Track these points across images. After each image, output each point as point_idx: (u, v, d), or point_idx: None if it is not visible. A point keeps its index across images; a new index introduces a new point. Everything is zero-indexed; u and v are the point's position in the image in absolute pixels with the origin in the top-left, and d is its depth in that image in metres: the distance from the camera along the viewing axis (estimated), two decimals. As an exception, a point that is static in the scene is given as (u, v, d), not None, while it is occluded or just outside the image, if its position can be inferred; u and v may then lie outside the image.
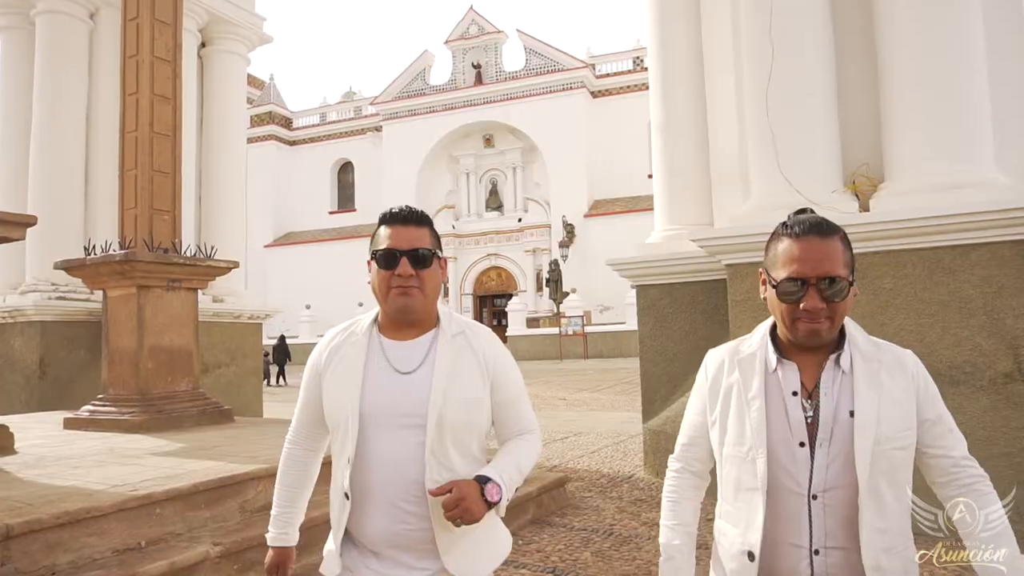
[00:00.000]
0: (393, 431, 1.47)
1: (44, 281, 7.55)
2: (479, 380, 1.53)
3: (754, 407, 1.35)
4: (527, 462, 1.57)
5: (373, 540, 1.49)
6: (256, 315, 9.03)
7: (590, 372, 18.67)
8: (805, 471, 1.30)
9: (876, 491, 1.26)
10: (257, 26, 9.60)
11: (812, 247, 1.29)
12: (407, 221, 1.52)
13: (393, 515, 1.46)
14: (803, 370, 1.35)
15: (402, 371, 1.50)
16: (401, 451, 1.46)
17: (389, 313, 1.54)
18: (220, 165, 9.11)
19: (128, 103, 5.67)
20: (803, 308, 1.28)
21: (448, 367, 1.50)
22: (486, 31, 33.97)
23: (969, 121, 4.23)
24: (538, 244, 32.11)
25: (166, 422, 5.20)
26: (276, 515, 1.67)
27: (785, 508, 1.31)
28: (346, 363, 1.53)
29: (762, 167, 4.76)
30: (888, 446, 1.28)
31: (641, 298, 6.26)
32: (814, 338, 1.30)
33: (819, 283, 1.27)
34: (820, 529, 1.28)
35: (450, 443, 1.47)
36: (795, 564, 1.30)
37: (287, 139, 39.10)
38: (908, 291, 4.12)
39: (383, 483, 1.47)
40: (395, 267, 1.48)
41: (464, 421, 1.50)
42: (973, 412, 3.87)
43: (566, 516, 4.65)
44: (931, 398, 1.35)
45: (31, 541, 2.64)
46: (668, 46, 6.34)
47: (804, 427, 1.31)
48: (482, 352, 1.55)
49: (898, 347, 1.39)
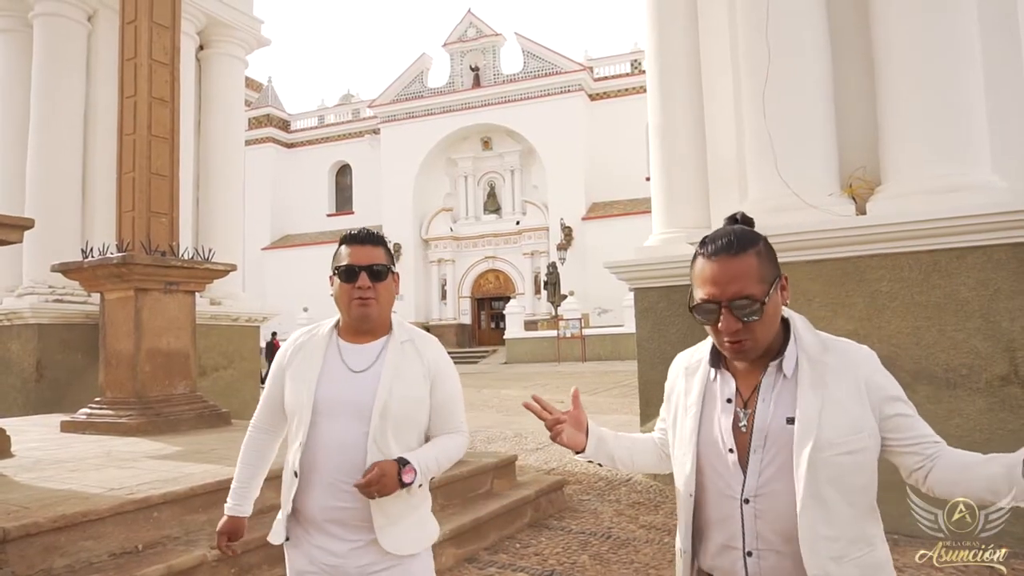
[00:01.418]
0: (341, 420, 1.68)
1: (41, 284, 7.54)
2: (422, 381, 1.75)
3: (690, 414, 1.39)
4: (447, 457, 1.77)
5: (315, 514, 1.68)
6: (254, 318, 9.02)
7: (588, 375, 18.66)
8: (737, 476, 1.31)
9: (819, 497, 1.23)
10: (255, 29, 9.61)
11: (723, 268, 1.26)
12: (364, 241, 1.74)
13: (334, 493, 1.66)
14: (743, 377, 1.35)
15: (355, 370, 1.72)
16: (347, 438, 1.67)
17: (349, 321, 1.75)
18: (218, 168, 9.11)
19: (126, 106, 5.67)
20: (720, 330, 1.27)
21: (394, 368, 1.71)
22: (484, 34, 34.00)
23: (966, 124, 4.24)
24: (536, 247, 32.11)
25: (163, 425, 5.19)
26: (235, 488, 1.88)
27: (718, 511, 1.33)
28: (307, 361, 1.75)
29: (759, 170, 4.77)
30: (832, 452, 1.23)
31: (639, 301, 6.26)
32: (741, 356, 1.31)
33: (731, 304, 1.25)
34: (752, 532, 1.29)
35: (391, 434, 1.67)
36: (731, 564, 1.32)
37: (285, 142, 39.09)
38: (904, 294, 4.13)
39: (328, 464, 1.66)
40: (355, 281, 1.70)
41: (405, 415, 1.71)
42: (970, 415, 3.88)
43: (564, 519, 4.65)
44: (887, 397, 1.29)
45: (27, 545, 2.63)
46: (666, 49, 6.35)
47: (732, 434, 1.32)
48: (426, 357, 1.77)
49: (852, 345, 1.34)
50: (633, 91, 31.26)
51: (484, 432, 8.77)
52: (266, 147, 37.66)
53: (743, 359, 1.32)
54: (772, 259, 1.31)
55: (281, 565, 1.81)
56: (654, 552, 3.87)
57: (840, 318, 4.24)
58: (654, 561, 3.71)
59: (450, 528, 3.77)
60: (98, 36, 8.19)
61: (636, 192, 30.03)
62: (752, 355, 1.30)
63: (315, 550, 1.69)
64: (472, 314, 33.59)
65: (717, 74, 5.81)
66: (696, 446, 1.36)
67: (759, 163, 4.77)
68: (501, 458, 4.96)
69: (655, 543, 4.02)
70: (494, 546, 4.10)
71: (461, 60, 34.37)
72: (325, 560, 1.68)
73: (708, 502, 1.35)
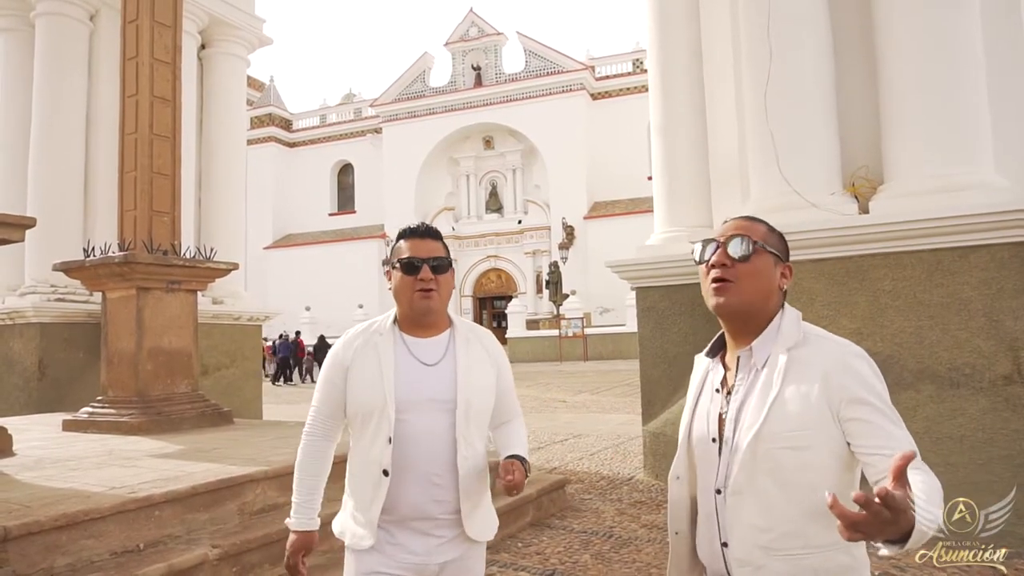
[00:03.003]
0: (425, 414, 1.68)
1: (43, 283, 7.54)
2: (490, 370, 1.79)
3: (687, 405, 1.44)
4: (525, 442, 1.87)
5: (406, 511, 1.66)
6: (256, 317, 9.02)
7: (590, 374, 18.66)
8: (715, 466, 1.33)
9: (757, 489, 1.25)
10: (257, 28, 9.60)
11: (735, 223, 1.38)
12: (424, 235, 1.76)
13: (427, 488, 1.66)
14: (730, 368, 1.38)
15: (427, 363, 1.72)
16: (434, 430, 1.67)
17: (410, 314, 1.75)
18: (220, 167, 9.11)
19: (128, 105, 5.66)
20: (711, 265, 1.33)
21: (466, 360, 1.74)
22: (486, 33, 33.99)
23: (968, 123, 4.23)
24: (538, 246, 32.11)
25: (165, 424, 5.19)
26: (300, 503, 1.78)
27: (704, 502, 1.36)
28: (375, 357, 1.71)
29: (762, 169, 4.76)
30: (772, 444, 1.23)
31: (641, 300, 6.26)
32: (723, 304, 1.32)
33: (728, 240, 1.33)
34: (725, 523, 1.31)
35: (473, 424, 1.71)
36: (715, 556, 1.34)
37: (287, 141, 39.11)
38: (907, 293, 4.12)
39: (417, 460, 1.66)
40: (417, 274, 1.70)
41: (483, 405, 1.75)
42: (972, 414, 3.87)
43: (566, 518, 4.64)
44: (849, 399, 1.21)
45: (29, 543, 2.63)
46: (668, 48, 6.34)
47: (716, 423, 1.35)
48: (490, 348, 1.82)
49: (836, 343, 1.30)
50: (635, 90, 31.25)
51: (486, 431, 8.76)
52: (268, 146, 37.70)
53: (724, 309, 1.33)
54: (782, 241, 1.40)
55: (280, 565, 1.79)
56: (656, 551, 3.86)
57: (843, 317, 4.23)
58: (656, 560, 3.71)
59: (451, 527, 3.76)
60: (100, 35, 8.18)
61: (638, 191, 30.03)
62: (732, 305, 1.32)
63: (394, 548, 1.66)
64: (474, 313, 33.60)
65: (718, 73, 5.80)
66: (690, 436, 1.40)
67: (761, 162, 4.76)
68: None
69: (657, 542, 4.01)
70: (495, 545, 4.09)
71: (463, 59, 34.36)
72: (406, 559, 1.65)
73: (700, 495, 1.38)
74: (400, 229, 1.81)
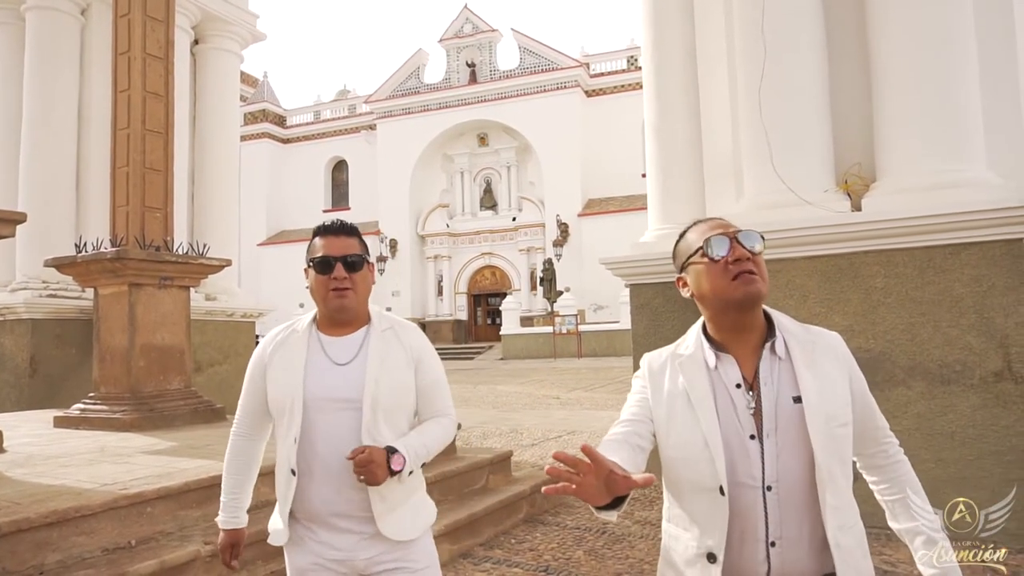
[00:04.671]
0: (333, 414, 1.67)
1: (35, 279, 7.50)
2: (406, 367, 1.74)
3: (704, 407, 1.32)
4: (435, 440, 1.76)
5: (317, 509, 1.67)
6: (249, 313, 9.00)
7: (584, 371, 18.68)
8: (758, 463, 1.29)
9: (830, 471, 1.27)
10: (250, 23, 9.56)
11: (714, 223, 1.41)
12: (339, 232, 1.74)
13: (336, 486, 1.65)
14: (740, 362, 1.36)
15: (339, 363, 1.70)
16: (340, 431, 1.66)
17: (327, 313, 1.73)
18: (213, 163, 9.07)
19: (120, 100, 5.63)
20: (729, 259, 1.33)
21: (379, 357, 1.71)
22: (480, 30, 33.92)
23: (961, 121, 4.24)
24: (532, 243, 32.11)
25: (158, 421, 5.17)
26: (226, 502, 1.83)
27: (742, 503, 1.29)
28: (289, 357, 1.72)
29: (755, 166, 4.77)
30: (834, 424, 1.29)
31: (634, 297, 6.26)
32: (751, 293, 1.32)
33: (739, 235, 1.35)
34: (776, 520, 1.28)
35: (383, 422, 1.67)
36: (752, 558, 1.28)
37: (281, 137, 38.97)
38: (899, 290, 4.14)
39: (326, 459, 1.65)
40: (331, 272, 1.68)
41: (394, 403, 1.71)
42: (963, 411, 3.89)
43: (559, 515, 4.65)
44: (858, 377, 1.39)
45: (19, 540, 2.62)
46: (662, 45, 6.33)
47: (751, 419, 1.31)
48: (407, 343, 1.76)
49: (824, 329, 1.42)
50: (629, 87, 31.26)
51: (480, 428, 8.77)
52: (262, 142, 37.55)
53: (756, 300, 1.33)
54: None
55: (276, 560, 1.80)
56: (649, 548, 3.87)
57: (835, 314, 4.25)
58: (649, 556, 3.72)
59: (445, 523, 3.77)
60: (91, 30, 8.13)
61: (632, 189, 30.05)
62: (762, 295, 1.33)
63: (319, 546, 1.67)
64: (468, 310, 33.59)
65: (713, 71, 5.79)
66: (720, 437, 1.30)
67: (755, 159, 4.77)
68: (496, 454, 4.96)
69: (650, 538, 4.03)
70: (489, 542, 4.10)
71: (457, 56, 34.28)
72: (330, 555, 1.66)
73: (732, 500, 1.30)
74: (316, 226, 1.79)
